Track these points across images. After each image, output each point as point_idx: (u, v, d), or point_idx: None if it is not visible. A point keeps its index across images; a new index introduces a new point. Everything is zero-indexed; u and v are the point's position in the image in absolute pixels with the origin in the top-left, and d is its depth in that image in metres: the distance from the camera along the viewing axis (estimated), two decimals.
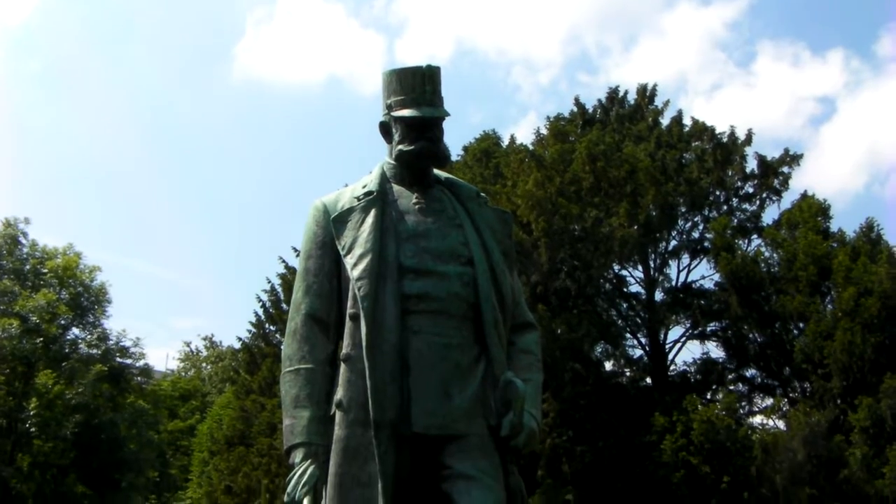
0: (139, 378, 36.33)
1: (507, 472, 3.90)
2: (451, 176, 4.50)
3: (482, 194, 4.47)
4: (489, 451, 3.86)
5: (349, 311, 3.96)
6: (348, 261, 4.01)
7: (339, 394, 3.86)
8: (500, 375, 3.96)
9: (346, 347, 3.92)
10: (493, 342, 4.01)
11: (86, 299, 33.91)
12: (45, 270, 33.49)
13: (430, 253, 4.05)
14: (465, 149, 29.44)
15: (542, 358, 4.40)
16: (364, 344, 3.80)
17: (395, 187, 4.27)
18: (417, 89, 4.19)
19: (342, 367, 3.91)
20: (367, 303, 3.86)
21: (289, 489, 3.79)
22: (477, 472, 3.76)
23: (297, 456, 3.87)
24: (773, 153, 29.39)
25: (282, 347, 4.23)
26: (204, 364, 63.30)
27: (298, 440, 3.89)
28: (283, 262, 29.93)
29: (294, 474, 3.83)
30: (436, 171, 4.40)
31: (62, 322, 33.01)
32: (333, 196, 4.31)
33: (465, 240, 4.14)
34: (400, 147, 4.24)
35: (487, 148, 28.86)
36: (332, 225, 4.14)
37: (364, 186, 4.26)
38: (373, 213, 4.10)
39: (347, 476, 3.71)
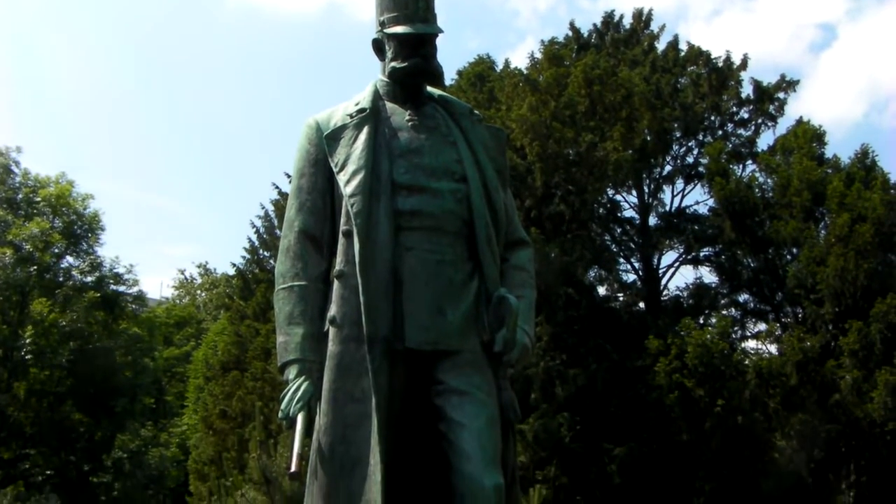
0: (133, 305, 36.42)
1: (499, 388, 3.92)
2: (444, 93, 4.46)
3: (475, 112, 4.43)
4: (482, 367, 3.88)
5: (342, 228, 3.94)
6: (341, 178, 3.98)
7: (333, 310, 3.85)
8: (493, 292, 3.96)
9: (339, 264, 3.90)
10: (487, 259, 4.01)
11: (79, 227, 33.84)
12: (38, 199, 33.38)
13: (424, 170, 4.03)
14: (459, 73, 29.24)
15: (535, 278, 4.40)
16: (357, 260, 3.79)
17: (388, 105, 4.23)
18: (410, 6, 4.14)
19: (335, 283, 3.90)
20: (360, 219, 3.85)
21: (283, 405, 3.81)
22: (470, 387, 3.78)
23: (291, 372, 3.88)
24: (772, 79, 29.20)
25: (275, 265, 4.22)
26: (198, 291, 63.42)
27: (292, 357, 3.90)
28: (277, 188, 29.86)
29: (288, 391, 3.84)
30: (429, 88, 4.35)
31: (56, 250, 33.01)
32: (326, 114, 4.28)
33: (459, 157, 4.12)
34: (393, 64, 4.20)
35: (482, 72, 28.68)
36: (325, 142, 4.11)
37: (357, 104, 4.22)
38: (366, 130, 4.07)
39: (341, 392, 3.72)
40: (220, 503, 9.03)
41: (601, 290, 30.55)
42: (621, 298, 30.60)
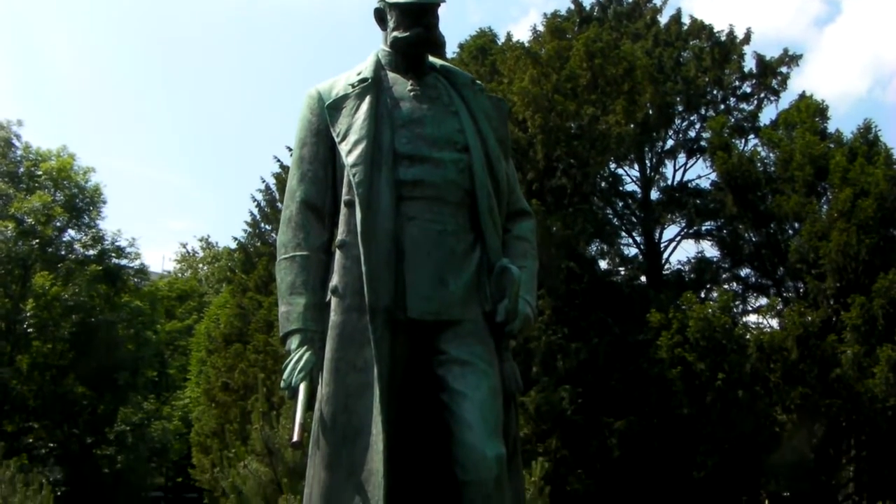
0: (135, 278, 36.46)
1: (501, 358, 3.93)
2: (446, 63, 4.45)
3: (477, 82, 4.42)
4: (484, 337, 3.88)
5: (344, 197, 3.93)
6: (343, 147, 3.97)
7: (335, 280, 3.85)
8: (495, 262, 3.97)
9: (340, 234, 3.90)
10: (489, 229, 4.01)
11: (80, 201, 33.84)
12: (40, 172, 33.37)
13: (426, 139, 4.02)
14: (461, 46, 29.17)
15: (537, 248, 4.40)
16: (359, 230, 3.78)
17: (390, 74, 4.22)
18: None
19: (337, 253, 3.89)
20: (362, 189, 3.84)
21: (285, 375, 3.81)
22: (472, 357, 3.79)
23: (293, 342, 3.88)
24: (775, 54, 29.15)
25: (276, 236, 4.21)
26: (200, 265, 63.50)
27: (294, 327, 3.90)
28: (278, 160, 29.83)
29: (290, 361, 3.84)
30: (431, 58, 4.33)
31: (57, 224, 33.03)
32: (328, 84, 4.26)
33: (461, 126, 4.11)
34: (395, 34, 4.19)
35: (483, 45, 28.61)
36: (327, 112, 4.10)
37: (359, 74, 4.20)
38: (367, 99, 4.05)
39: (343, 361, 3.72)
40: (223, 474, 9.06)
41: (603, 264, 30.57)
42: (623, 272, 30.61)
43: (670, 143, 29.89)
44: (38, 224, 31.42)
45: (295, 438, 3.64)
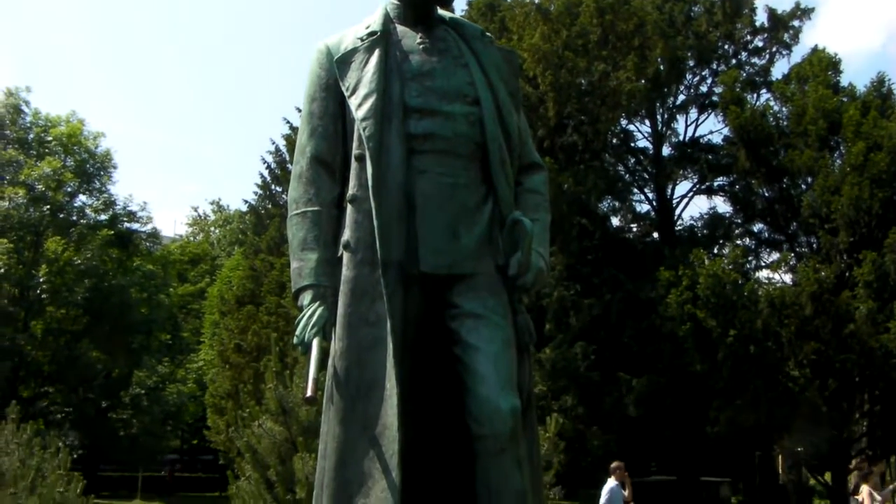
0: (147, 242, 36.53)
1: (514, 311, 3.91)
2: (455, 16, 4.40)
3: (487, 34, 4.36)
4: (497, 290, 3.86)
5: (354, 152, 3.90)
6: (352, 101, 3.93)
7: (346, 235, 3.83)
8: (507, 215, 3.94)
9: (351, 189, 3.87)
10: (500, 182, 3.97)
11: (91, 166, 33.88)
12: (50, 139, 33.38)
13: (436, 92, 3.98)
14: (470, 3, 29.01)
15: (549, 201, 4.37)
16: (370, 184, 3.75)
17: (399, 27, 4.17)
18: None
19: (348, 208, 3.86)
20: (373, 143, 3.81)
21: (298, 331, 3.79)
22: (485, 311, 3.77)
23: (306, 298, 3.86)
24: (787, 7, 29.00)
25: (290, 174, 4.18)
26: (212, 228, 63.58)
27: (306, 282, 3.88)
28: (288, 122, 29.79)
29: (303, 316, 3.81)
30: (440, 10, 4.28)
31: (68, 189, 33.09)
32: (336, 38, 4.22)
33: (471, 79, 4.07)
34: None
35: (492, 2, 28.46)
36: (336, 66, 4.05)
37: (367, 27, 4.15)
38: (377, 53, 4.01)
39: (356, 316, 3.70)
40: (237, 434, 9.08)
41: (615, 221, 30.61)
42: (635, 229, 30.63)
43: (682, 98, 29.81)
44: (49, 190, 31.46)
45: (308, 394, 3.63)
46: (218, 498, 40.63)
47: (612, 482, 16.54)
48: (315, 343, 3.72)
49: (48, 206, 31.32)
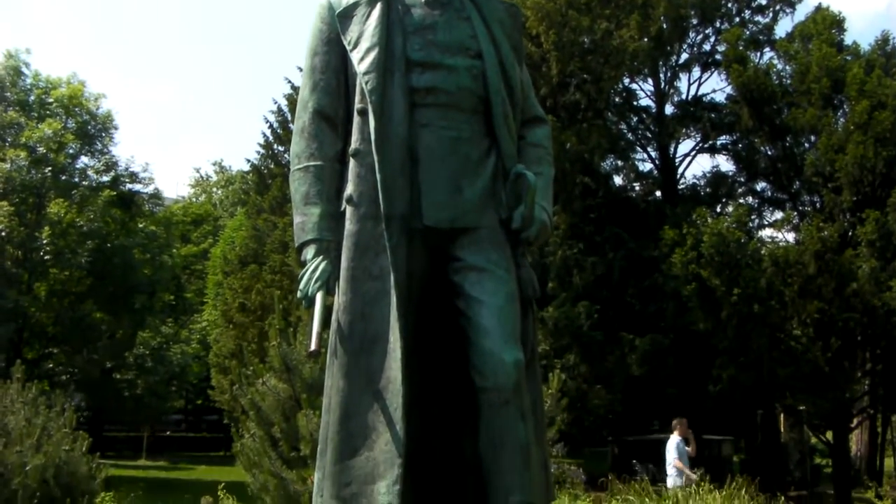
0: (150, 203, 36.52)
1: (518, 265, 3.91)
2: None
3: None
4: (500, 244, 3.86)
5: (357, 106, 3.89)
6: (355, 55, 3.92)
7: (349, 189, 3.82)
8: (510, 169, 3.93)
9: (354, 143, 3.86)
10: (503, 135, 3.96)
11: (92, 127, 33.80)
12: (51, 100, 33.28)
13: (438, 46, 3.96)
14: None
15: (552, 154, 4.36)
16: (372, 138, 3.75)
17: None
18: None
19: (351, 162, 3.86)
20: (375, 96, 3.79)
21: (301, 285, 3.80)
22: (488, 264, 3.77)
23: (309, 252, 3.86)
24: None
25: (290, 147, 4.17)
26: (214, 189, 63.56)
27: (310, 237, 3.88)
28: (289, 82, 29.71)
29: (306, 271, 3.82)
30: None
31: (70, 151, 33.02)
32: None
33: (474, 32, 4.05)
34: None
35: None
36: (338, 20, 4.03)
37: None
38: (378, 6, 3.98)
39: (359, 270, 3.70)
40: (241, 392, 9.12)
41: (617, 180, 30.60)
42: (638, 187, 30.60)
43: (685, 56, 29.67)
44: (51, 152, 31.40)
45: (312, 348, 3.64)
46: (223, 457, 40.92)
47: (675, 437, 16.67)
48: (318, 297, 3.73)
49: (50, 168, 31.27)
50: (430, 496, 3.88)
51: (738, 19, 29.17)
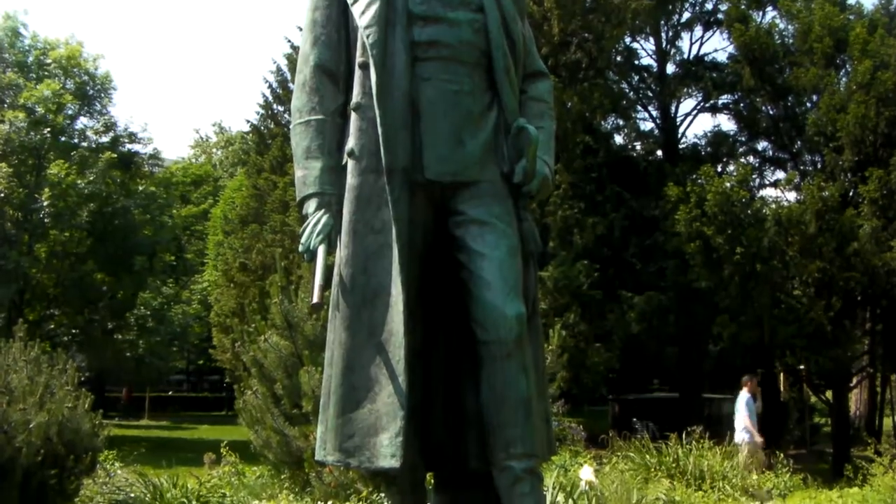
0: (149, 163, 36.44)
1: (520, 218, 3.91)
2: None
3: None
4: (502, 197, 3.86)
5: (358, 59, 3.87)
6: (356, 9, 3.89)
7: (351, 142, 3.81)
8: (512, 123, 3.92)
9: (356, 96, 3.85)
10: (505, 89, 3.95)
11: (91, 88, 33.68)
12: (49, 61, 33.13)
13: None
14: None
15: (554, 109, 4.35)
16: (374, 92, 3.73)
17: None
18: None
19: (353, 116, 3.85)
20: (376, 50, 3.77)
21: (303, 239, 3.80)
22: (490, 218, 3.78)
23: (311, 206, 3.86)
24: None
25: (291, 101, 4.15)
26: (214, 150, 63.42)
27: (311, 190, 3.88)
28: (289, 42, 29.60)
29: (308, 224, 3.82)
30: None
31: (69, 112, 32.90)
32: None
33: None
34: None
35: None
36: None
37: None
38: None
39: (361, 223, 3.71)
40: (243, 349, 9.15)
41: (618, 139, 30.53)
42: (639, 147, 30.56)
43: (686, 15, 29.52)
44: (50, 113, 31.29)
45: (315, 300, 3.65)
46: (225, 416, 41.14)
47: (745, 394, 16.74)
48: (320, 251, 3.73)
49: (49, 130, 31.18)
50: (433, 448, 3.90)
51: None
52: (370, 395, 3.60)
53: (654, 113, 30.53)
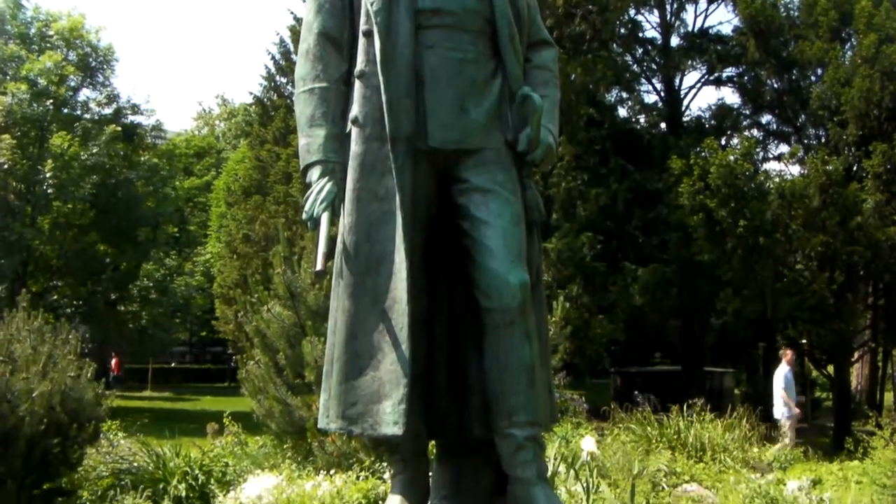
0: (152, 135, 36.39)
1: (523, 186, 3.91)
2: None
3: None
4: (506, 165, 3.86)
5: (362, 27, 3.86)
6: None
7: (355, 110, 3.80)
8: (516, 91, 3.91)
9: (359, 64, 3.83)
10: (510, 57, 3.93)
11: (94, 59, 33.58)
12: (51, 33, 33.02)
13: None
14: None
15: (559, 77, 4.33)
16: (378, 59, 3.72)
17: None
18: None
19: (356, 83, 3.83)
20: (380, 17, 3.75)
21: (307, 207, 3.79)
22: (494, 186, 3.77)
23: (314, 174, 3.86)
24: None
25: (295, 69, 4.14)
26: (217, 122, 63.33)
27: (315, 158, 3.87)
28: (292, 13, 29.52)
29: (311, 192, 3.82)
30: None
31: (71, 84, 32.83)
32: None
33: None
34: None
35: None
36: None
37: None
38: None
39: (364, 191, 3.70)
40: (246, 319, 9.16)
41: (622, 111, 30.46)
42: (643, 119, 30.49)
43: None
44: (52, 85, 31.23)
45: (318, 267, 3.65)
46: (226, 388, 41.27)
47: (784, 367, 16.81)
48: (324, 218, 3.73)
49: (51, 101, 31.14)
50: (435, 417, 3.91)
51: None
52: (373, 362, 3.61)
53: (658, 86, 30.48)
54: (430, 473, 4.09)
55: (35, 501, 8.04)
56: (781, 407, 16.37)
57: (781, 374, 16.71)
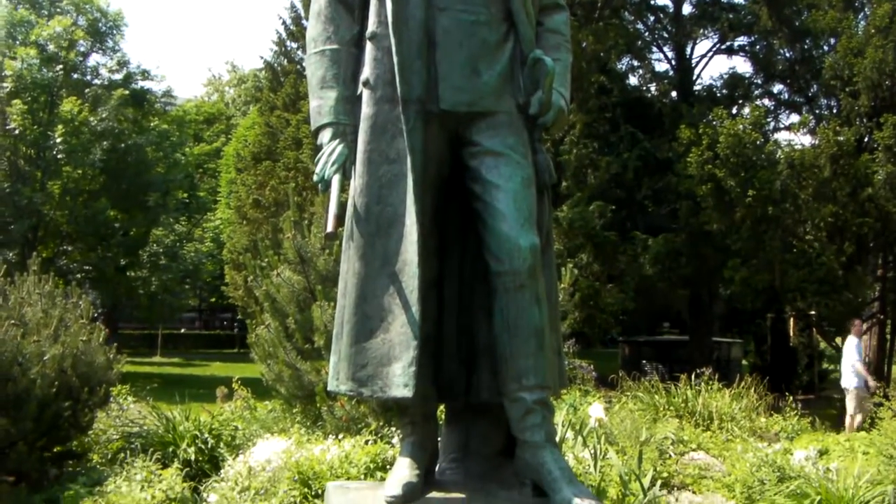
0: (162, 101, 36.34)
1: (535, 150, 3.89)
2: None
3: None
4: (518, 129, 3.84)
5: None
6: None
7: (366, 72, 3.79)
8: (528, 54, 3.88)
9: (371, 25, 3.82)
10: (522, 20, 3.91)
11: (103, 24, 33.45)
12: None
13: None
14: None
15: (571, 41, 4.31)
16: (390, 20, 3.70)
17: None
18: None
19: (368, 45, 3.82)
20: None
21: (318, 169, 3.79)
22: (505, 149, 3.76)
23: (326, 136, 3.86)
24: None
25: (306, 31, 4.12)
26: (227, 88, 63.20)
27: (326, 120, 3.87)
28: None
29: (322, 154, 3.82)
30: None
31: (81, 49, 32.73)
32: None
33: None
34: None
35: None
36: None
37: None
38: None
39: (376, 152, 3.70)
40: (256, 283, 9.18)
41: (633, 80, 30.33)
42: (654, 88, 30.37)
43: None
44: (62, 50, 31.14)
45: (329, 229, 3.65)
46: (236, 354, 41.40)
47: (853, 338, 16.92)
48: (335, 180, 3.73)
49: (61, 67, 31.07)
50: (445, 380, 3.92)
51: None
52: (383, 324, 3.61)
53: (670, 54, 30.34)
54: (440, 436, 4.10)
55: (46, 463, 8.10)
56: (852, 377, 16.43)
57: (853, 345, 16.79)
